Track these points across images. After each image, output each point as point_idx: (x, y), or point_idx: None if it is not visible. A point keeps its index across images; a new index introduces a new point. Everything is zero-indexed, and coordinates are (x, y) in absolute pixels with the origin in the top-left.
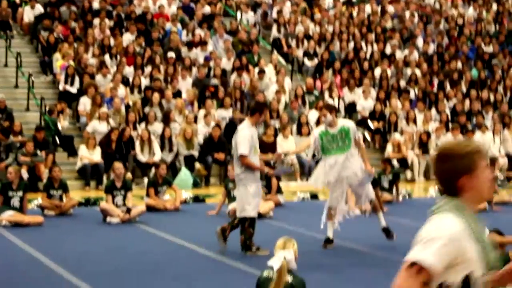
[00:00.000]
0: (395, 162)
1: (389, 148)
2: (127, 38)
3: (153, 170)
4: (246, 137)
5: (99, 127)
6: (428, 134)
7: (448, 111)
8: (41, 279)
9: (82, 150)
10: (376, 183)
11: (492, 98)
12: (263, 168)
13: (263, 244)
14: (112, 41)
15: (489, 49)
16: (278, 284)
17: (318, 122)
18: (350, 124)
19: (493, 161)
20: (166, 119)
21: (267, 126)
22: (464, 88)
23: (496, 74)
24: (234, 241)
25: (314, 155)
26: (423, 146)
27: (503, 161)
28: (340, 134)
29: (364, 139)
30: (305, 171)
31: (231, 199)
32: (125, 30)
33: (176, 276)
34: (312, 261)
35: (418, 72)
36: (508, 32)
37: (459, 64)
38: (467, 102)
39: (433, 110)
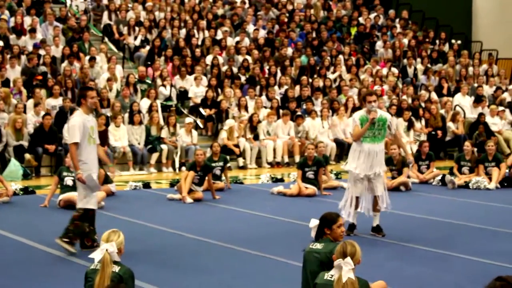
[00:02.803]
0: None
1: (223, 135)
2: None
3: None
4: (75, 125)
5: None
6: (259, 120)
7: (278, 98)
8: None
9: None
10: (210, 170)
11: (321, 84)
12: (77, 166)
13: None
14: None
15: (318, 35)
16: (102, 275)
17: (150, 110)
18: (387, 115)
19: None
20: None
21: (98, 115)
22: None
23: (325, 60)
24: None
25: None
26: (254, 131)
27: (331, 146)
28: (378, 123)
29: (197, 126)
30: (138, 160)
31: (64, 188)
32: None
33: (5, 269)
34: (142, 250)
35: (249, 58)
36: (336, 19)
37: (290, 51)
38: (297, 88)
39: (264, 97)
